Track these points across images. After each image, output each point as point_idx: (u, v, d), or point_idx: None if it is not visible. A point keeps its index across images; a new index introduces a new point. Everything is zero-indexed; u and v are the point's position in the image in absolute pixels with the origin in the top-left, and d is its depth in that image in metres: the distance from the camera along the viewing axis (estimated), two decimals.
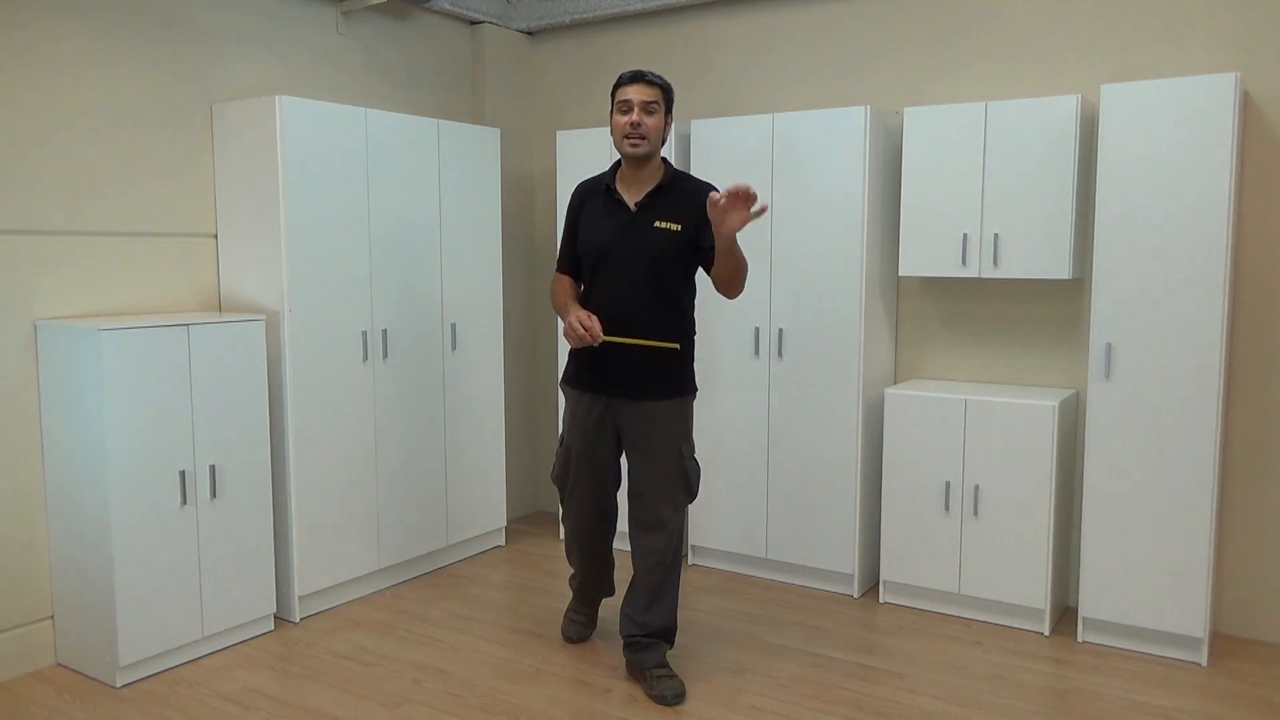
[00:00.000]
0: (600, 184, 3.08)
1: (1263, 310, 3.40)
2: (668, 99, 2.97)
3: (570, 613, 3.51)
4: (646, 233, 2.94)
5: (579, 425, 3.10)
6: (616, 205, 3.00)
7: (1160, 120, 3.17)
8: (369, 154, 3.81)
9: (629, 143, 2.91)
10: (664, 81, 2.96)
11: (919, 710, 2.95)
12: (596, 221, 3.02)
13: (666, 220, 2.94)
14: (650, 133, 2.91)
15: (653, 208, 2.96)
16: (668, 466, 3.02)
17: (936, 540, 3.68)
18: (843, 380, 3.84)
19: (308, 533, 3.67)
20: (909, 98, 4.02)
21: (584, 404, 3.07)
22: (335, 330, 3.72)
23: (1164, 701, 3.01)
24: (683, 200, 2.96)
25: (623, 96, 2.93)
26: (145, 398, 3.12)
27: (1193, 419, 3.19)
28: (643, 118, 2.90)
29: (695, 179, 3.05)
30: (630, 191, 3.00)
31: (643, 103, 2.90)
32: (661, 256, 2.94)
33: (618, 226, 2.97)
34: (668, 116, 2.98)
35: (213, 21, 3.71)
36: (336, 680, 3.18)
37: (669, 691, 2.98)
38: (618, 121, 2.93)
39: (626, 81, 2.94)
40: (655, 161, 3.01)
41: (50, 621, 3.30)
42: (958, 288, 3.97)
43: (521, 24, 4.92)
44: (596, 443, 3.10)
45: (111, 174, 3.41)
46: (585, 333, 2.83)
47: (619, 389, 3.00)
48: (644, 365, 2.96)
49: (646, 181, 2.99)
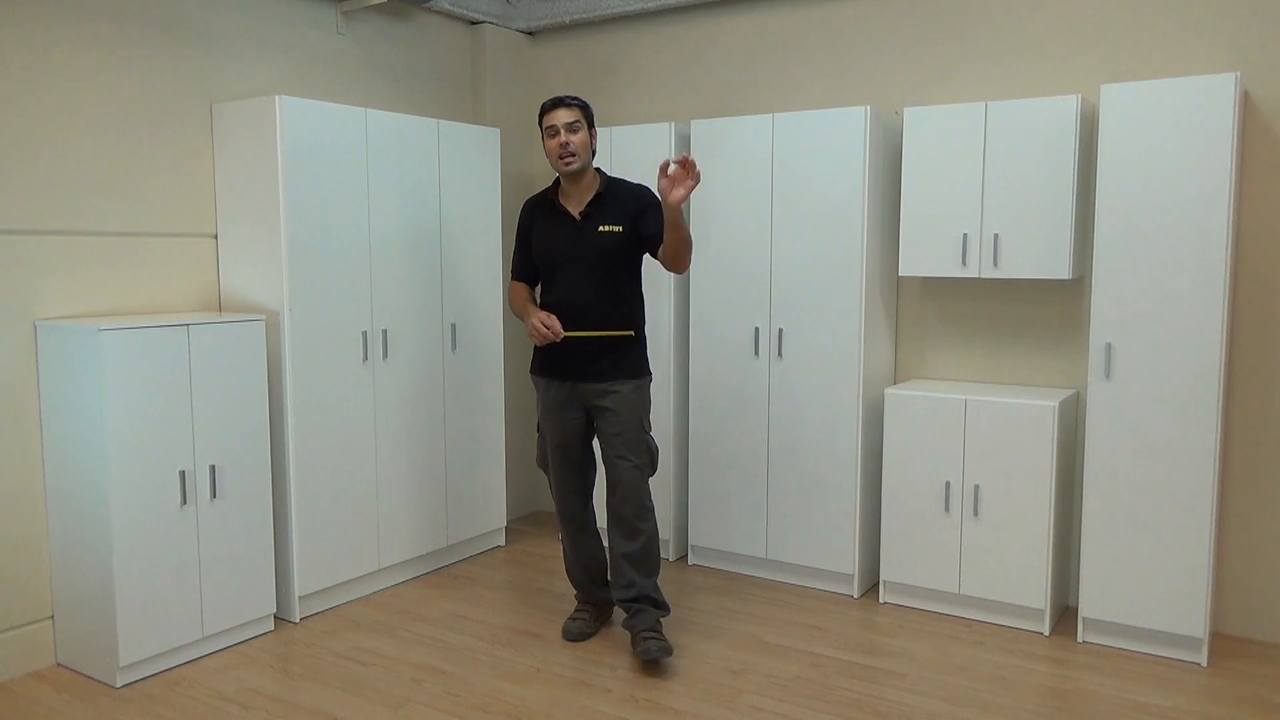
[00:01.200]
0: (545, 200, 3.40)
1: (1263, 310, 3.40)
2: (587, 115, 3.29)
3: (575, 611, 3.60)
4: (592, 237, 3.27)
5: (550, 409, 3.39)
6: (562, 216, 3.32)
7: (1160, 120, 3.17)
8: (369, 154, 3.81)
9: (563, 162, 3.24)
10: (581, 101, 3.29)
11: (919, 710, 2.95)
12: (547, 233, 3.34)
13: (608, 224, 3.27)
14: (579, 149, 3.23)
15: (595, 215, 3.29)
16: (634, 433, 3.30)
17: (936, 540, 3.68)
18: (843, 380, 3.84)
19: (308, 533, 3.67)
20: (909, 98, 4.02)
21: (553, 390, 3.37)
22: (335, 330, 3.73)
23: (1164, 701, 3.01)
24: (619, 203, 3.30)
25: (549, 123, 3.25)
26: (145, 398, 3.12)
27: (1193, 419, 3.19)
28: (569, 137, 3.22)
29: (628, 183, 3.37)
30: (572, 203, 3.33)
31: (566, 124, 3.22)
32: (609, 256, 3.26)
33: (567, 235, 3.30)
34: (591, 130, 3.30)
35: (213, 21, 3.71)
36: (336, 680, 3.18)
37: (654, 646, 3.20)
38: (549, 145, 3.26)
39: (549, 109, 3.26)
40: (590, 173, 3.32)
41: (50, 621, 3.30)
42: (958, 288, 3.97)
43: (521, 24, 4.92)
44: (568, 422, 3.38)
45: (112, 174, 3.42)
46: (548, 330, 3.17)
47: (583, 375, 3.31)
48: (602, 353, 3.28)
49: (585, 192, 3.32)
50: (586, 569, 3.55)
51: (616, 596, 3.35)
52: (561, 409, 3.37)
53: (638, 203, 3.31)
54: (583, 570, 3.55)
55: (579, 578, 3.57)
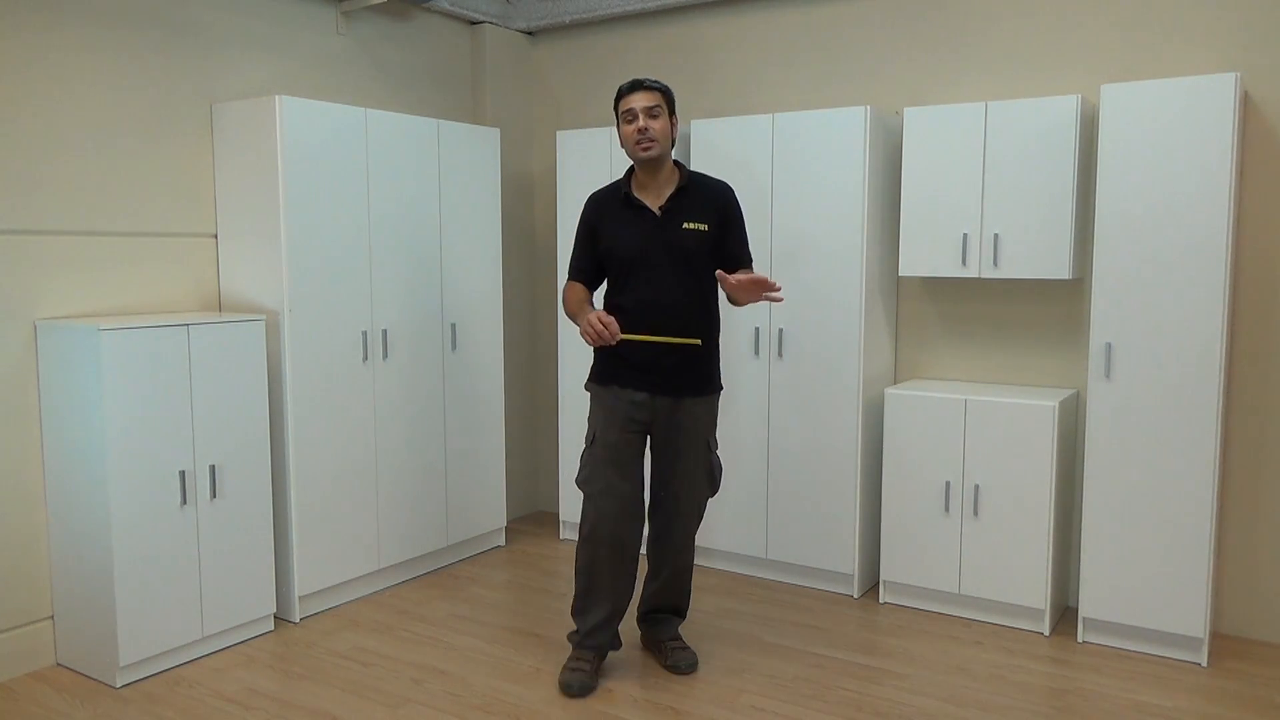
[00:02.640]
0: (616, 193, 3.10)
1: (1263, 310, 3.40)
2: (669, 101, 3.03)
3: (574, 660, 3.12)
4: (676, 235, 3.00)
5: (616, 420, 3.03)
6: (639, 211, 3.04)
7: (1160, 120, 3.17)
8: (369, 154, 3.81)
9: (641, 148, 2.96)
10: (662, 85, 3.02)
11: (919, 710, 2.95)
12: (621, 229, 3.05)
13: (693, 221, 3.01)
14: (659, 135, 2.96)
15: (677, 210, 3.02)
16: (696, 460, 3.11)
17: (936, 540, 3.68)
18: (843, 380, 3.84)
19: (308, 533, 3.67)
20: (909, 98, 4.02)
21: (623, 400, 3.03)
22: (335, 330, 3.72)
23: (1164, 701, 3.01)
24: (704, 200, 3.05)
25: (626, 106, 2.99)
26: (145, 398, 3.12)
27: (1193, 419, 3.19)
28: (649, 122, 2.95)
29: (711, 178, 3.14)
30: (650, 196, 3.05)
31: (646, 108, 2.96)
32: (693, 256, 3.01)
33: (645, 232, 3.01)
34: (672, 118, 3.03)
35: (213, 21, 3.71)
36: (336, 680, 3.18)
37: (683, 662, 3.19)
38: (626, 131, 3.00)
39: (626, 92, 3.01)
40: (669, 165, 3.06)
41: (50, 621, 3.30)
42: (958, 288, 3.97)
43: (521, 24, 4.92)
44: (633, 434, 3.06)
45: (111, 174, 3.42)
46: (604, 329, 2.84)
47: (661, 386, 3.02)
48: (684, 362, 3.02)
49: (665, 185, 3.05)
50: (615, 606, 3.09)
51: (641, 609, 3.33)
52: (630, 419, 3.04)
53: (723, 204, 3.09)
54: (610, 609, 3.09)
55: (599, 618, 3.08)
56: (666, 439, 3.08)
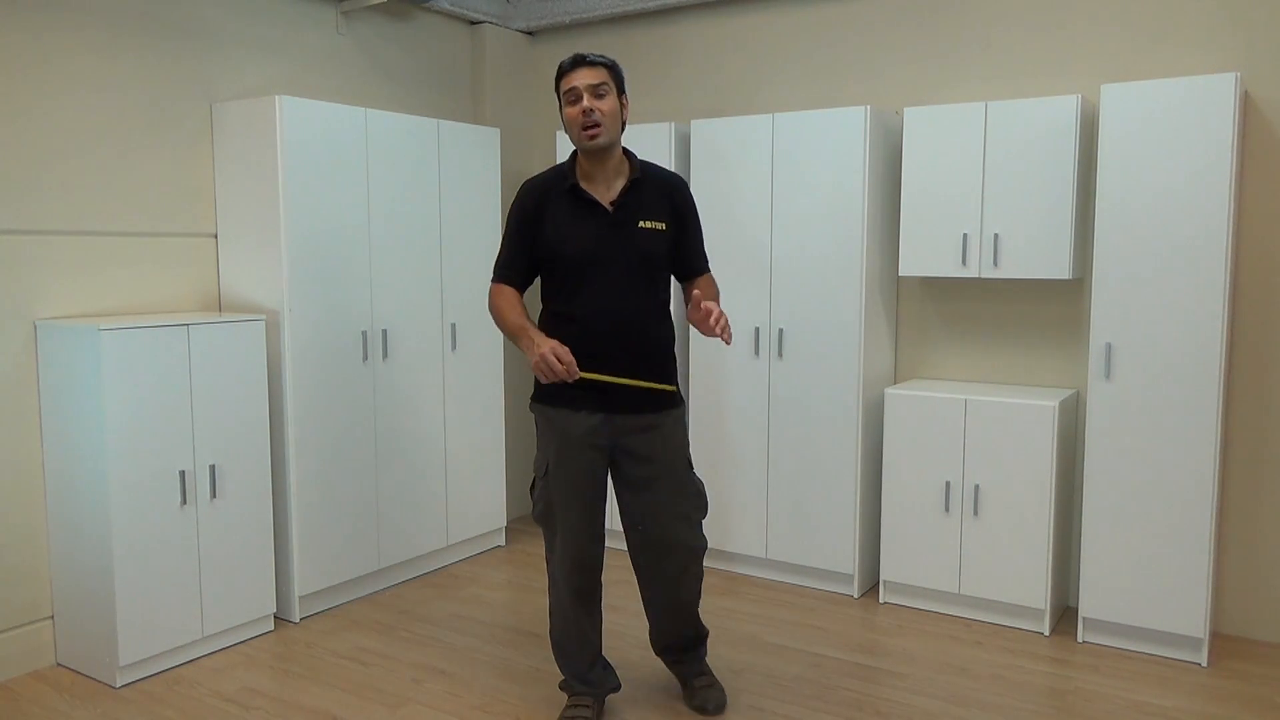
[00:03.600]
0: (560, 182, 2.68)
1: (1263, 310, 3.40)
2: (617, 78, 2.64)
3: (572, 707, 2.83)
4: (632, 235, 2.64)
5: (572, 447, 2.67)
6: (588, 206, 2.65)
7: (1160, 120, 3.17)
8: (369, 154, 3.81)
9: (587, 135, 2.58)
10: (609, 60, 2.64)
11: (919, 710, 2.95)
12: (569, 227, 2.64)
13: (650, 219, 2.67)
14: (606, 118, 2.58)
15: (632, 206, 2.66)
16: (680, 481, 2.75)
17: (936, 540, 3.68)
18: (843, 380, 3.83)
19: (308, 533, 3.67)
20: (909, 98, 4.02)
21: (577, 421, 2.66)
22: (335, 330, 3.72)
23: (1164, 701, 3.01)
24: (659, 195, 2.72)
25: (568, 85, 2.60)
26: (145, 398, 3.12)
27: (1193, 419, 3.19)
28: (594, 103, 2.57)
29: (663, 169, 2.80)
30: (599, 189, 2.67)
31: (590, 86, 2.57)
32: (651, 259, 2.68)
33: (597, 231, 2.63)
34: (622, 97, 2.65)
35: (213, 21, 3.71)
36: (336, 680, 3.18)
37: (710, 702, 2.88)
38: (569, 114, 2.60)
39: (568, 68, 2.62)
40: (618, 153, 2.68)
41: (50, 621, 3.30)
42: (958, 288, 3.97)
43: (521, 24, 4.92)
44: (594, 464, 2.70)
45: (111, 174, 3.41)
46: (562, 368, 2.48)
47: (617, 403, 2.65)
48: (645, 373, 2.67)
49: (614, 176, 2.68)
50: (594, 649, 2.86)
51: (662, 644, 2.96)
52: (585, 448, 2.67)
53: (680, 200, 2.76)
54: (592, 653, 2.84)
55: (583, 663, 2.83)
56: (640, 463, 2.70)
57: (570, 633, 2.81)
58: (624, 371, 2.64)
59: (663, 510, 2.73)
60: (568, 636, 2.82)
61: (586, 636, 2.82)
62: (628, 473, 2.73)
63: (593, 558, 2.76)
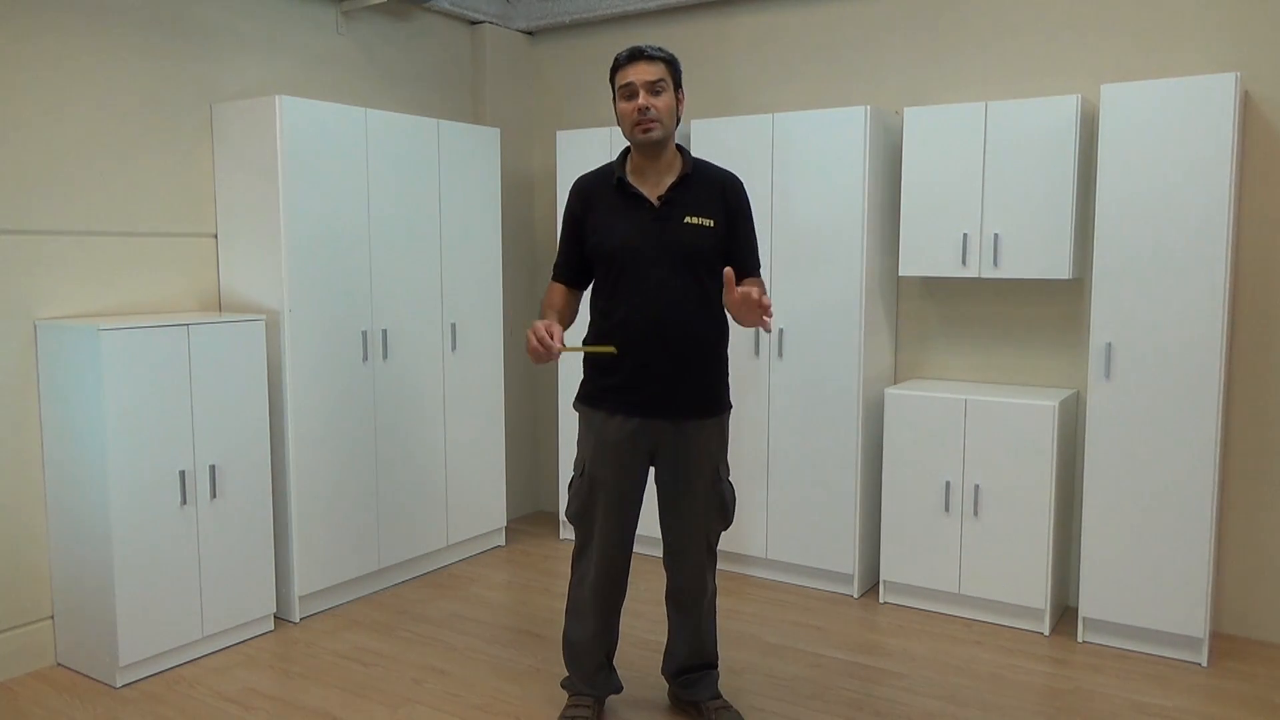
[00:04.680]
0: (608, 179, 2.67)
1: (1263, 310, 3.40)
2: (675, 73, 2.60)
3: (571, 707, 2.82)
4: (676, 230, 2.58)
5: (609, 451, 2.65)
6: (634, 201, 2.61)
7: (1160, 120, 3.17)
8: (369, 154, 3.81)
9: (640, 130, 2.55)
10: (667, 54, 2.59)
11: (919, 710, 2.95)
12: (613, 221, 2.62)
13: (697, 215, 2.60)
14: (662, 114, 2.55)
15: (679, 201, 2.60)
16: (705, 492, 2.71)
17: (936, 540, 3.68)
18: (843, 380, 3.84)
19: (308, 533, 3.67)
20: (909, 98, 4.02)
21: (613, 426, 2.64)
22: (335, 330, 3.72)
23: (1164, 701, 3.01)
24: (710, 191, 2.65)
25: (624, 80, 2.57)
26: (145, 398, 3.12)
27: (1193, 419, 3.19)
28: (650, 100, 2.53)
29: (718, 167, 2.73)
30: (648, 184, 2.63)
31: (647, 83, 2.54)
32: (696, 255, 2.60)
33: (641, 225, 2.59)
34: (678, 92, 2.61)
35: (213, 21, 3.71)
36: (336, 680, 3.18)
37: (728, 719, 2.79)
38: (623, 109, 2.57)
39: (625, 62, 2.57)
40: (671, 149, 2.65)
41: (50, 621, 3.30)
42: (958, 288, 3.97)
43: (521, 24, 4.92)
44: (629, 470, 2.67)
45: (112, 174, 3.42)
46: (539, 345, 2.43)
47: (656, 408, 2.61)
48: (683, 378, 2.61)
49: (665, 172, 2.63)
50: (608, 651, 2.83)
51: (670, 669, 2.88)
52: (624, 452, 2.64)
53: (733, 197, 2.68)
54: (604, 653, 2.82)
55: (593, 663, 2.81)
56: (670, 471, 2.68)
57: (585, 635, 2.78)
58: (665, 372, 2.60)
59: (688, 519, 2.72)
60: (581, 638, 2.79)
61: (601, 640, 2.79)
62: (661, 479, 2.72)
63: (619, 561, 2.74)
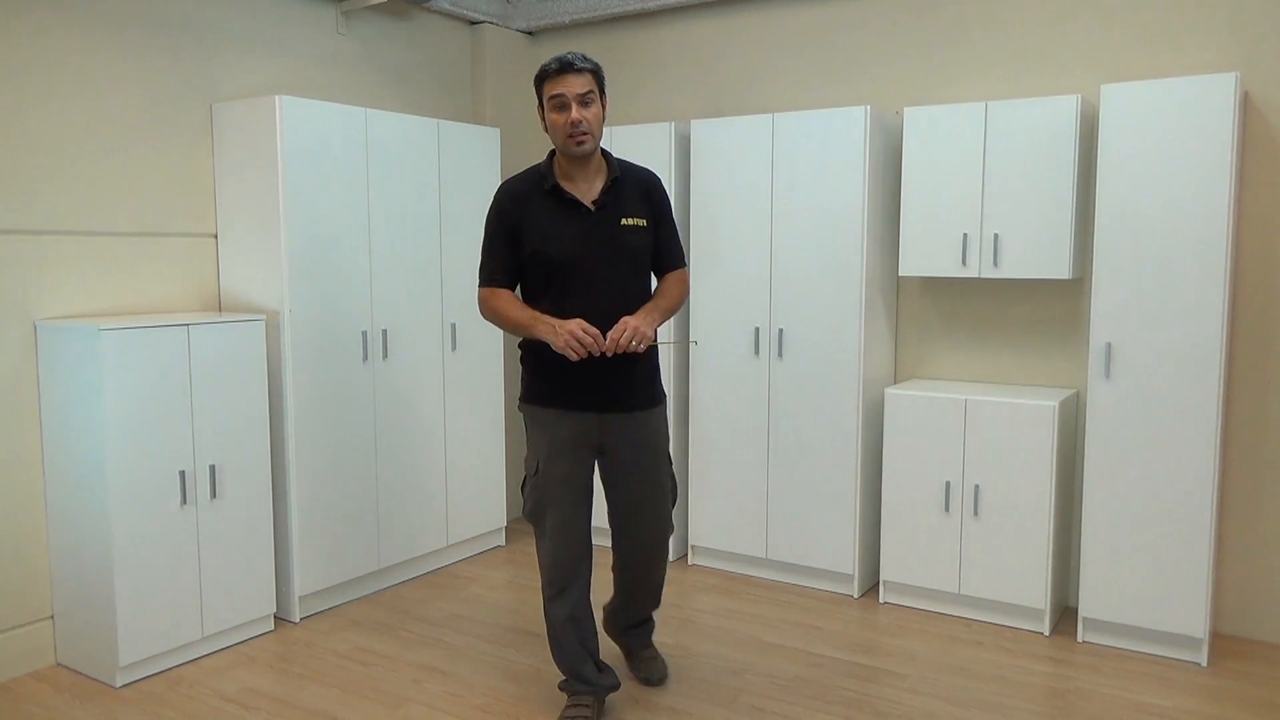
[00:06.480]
0: (539, 184, 2.72)
1: (1263, 310, 3.40)
2: (600, 82, 2.67)
3: (572, 706, 2.84)
4: (615, 232, 2.69)
5: (563, 448, 2.75)
6: (570, 206, 2.69)
7: (1160, 120, 3.17)
8: (369, 154, 3.81)
9: (574, 142, 2.61)
10: (593, 64, 2.65)
11: (919, 710, 2.95)
12: (551, 228, 2.67)
13: (631, 216, 2.71)
14: (593, 126, 2.62)
15: (613, 205, 2.71)
16: (661, 476, 2.87)
17: (936, 540, 3.68)
18: (843, 380, 3.83)
19: (308, 533, 3.67)
20: (909, 98, 4.02)
21: (569, 423, 2.74)
22: (335, 330, 3.72)
23: (1164, 701, 3.01)
24: (638, 191, 2.77)
25: (553, 91, 2.60)
26: (145, 398, 3.12)
27: (1193, 419, 3.19)
28: (582, 113, 2.59)
29: (637, 166, 2.85)
30: (580, 188, 2.71)
31: (578, 95, 2.59)
32: (636, 255, 2.74)
33: (583, 229, 2.67)
34: (603, 99, 2.68)
35: (213, 21, 3.71)
36: (336, 680, 3.18)
37: (654, 675, 3.11)
38: (555, 120, 2.62)
39: (554, 73, 2.61)
40: (598, 154, 2.73)
41: (50, 621, 3.30)
42: (958, 288, 3.97)
43: (521, 24, 4.92)
44: (585, 462, 2.79)
45: (111, 174, 3.42)
46: (591, 340, 2.52)
47: (610, 402, 2.73)
48: (634, 374, 2.75)
49: (594, 176, 2.72)
50: (590, 646, 2.87)
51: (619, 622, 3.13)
52: (580, 446, 2.76)
53: (656, 195, 2.81)
54: (589, 650, 2.86)
55: (579, 660, 2.84)
56: (628, 459, 2.79)
57: (565, 629, 2.83)
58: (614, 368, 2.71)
59: (645, 505, 2.86)
60: (563, 633, 2.84)
61: (580, 632, 2.85)
62: (615, 468, 2.83)
63: (582, 554, 2.84)
